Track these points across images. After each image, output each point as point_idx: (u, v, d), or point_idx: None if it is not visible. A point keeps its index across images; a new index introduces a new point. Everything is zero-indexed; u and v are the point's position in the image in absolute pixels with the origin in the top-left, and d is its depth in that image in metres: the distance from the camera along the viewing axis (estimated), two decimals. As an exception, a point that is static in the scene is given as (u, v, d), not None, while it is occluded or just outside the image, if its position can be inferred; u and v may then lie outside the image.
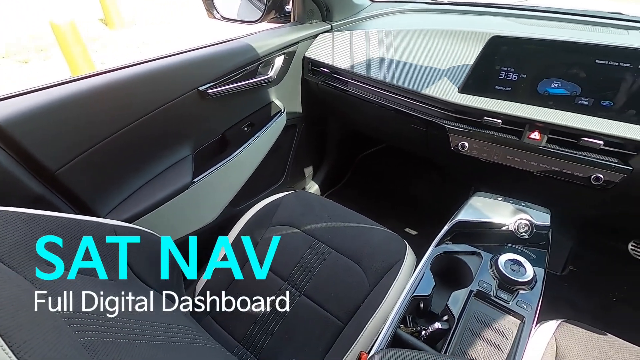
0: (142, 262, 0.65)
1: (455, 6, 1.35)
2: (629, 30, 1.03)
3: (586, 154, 0.83)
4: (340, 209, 1.03)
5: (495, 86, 0.89)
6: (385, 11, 1.35)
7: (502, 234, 0.81)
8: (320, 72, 1.21)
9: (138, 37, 5.11)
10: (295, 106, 1.32)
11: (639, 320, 1.19)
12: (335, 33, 1.21)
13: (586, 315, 1.20)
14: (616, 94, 0.78)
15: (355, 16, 1.30)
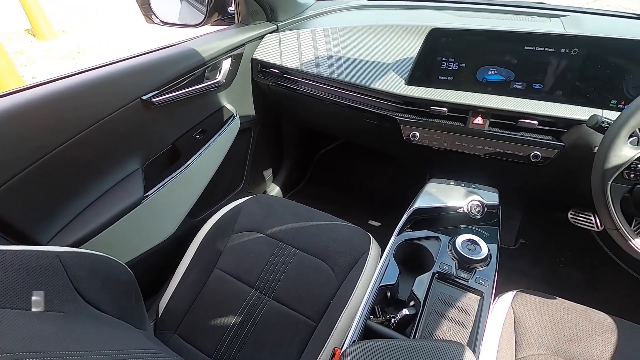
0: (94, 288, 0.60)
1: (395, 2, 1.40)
2: (550, 18, 1.12)
3: (524, 134, 0.90)
4: (303, 208, 1.03)
5: (438, 76, 0.94)
6: (329, 9, 1.36)
7: (457, 216, 0.85)
8: (270, 73, 1.20)
9: (72, 47, 4.76)
10: (248, 109, 1.29)
11: (581, 279, 1.31)
12: (282, 33, 1.21)
13: (538, 282, 1.29)
14: (544, 77, 0.85)
15: (300, 15, 1.30)
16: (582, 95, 0.83)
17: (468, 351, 0.50)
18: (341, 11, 1.37)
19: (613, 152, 0.64)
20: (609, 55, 0.79)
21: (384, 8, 1.35)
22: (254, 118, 1.32)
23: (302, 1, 1.32)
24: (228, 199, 1.33)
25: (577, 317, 0.74)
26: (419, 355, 0.49)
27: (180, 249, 0.94)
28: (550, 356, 0.69)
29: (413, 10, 1.30)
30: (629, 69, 0.79)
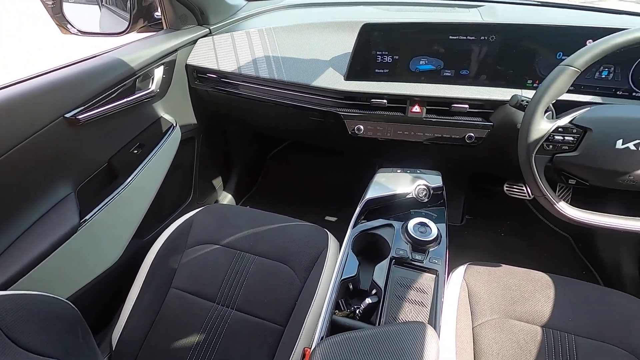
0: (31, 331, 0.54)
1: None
2: (469, 9, 1.21)
3: (458, 118, 0.96)
4: (258, 213, 1.01)
5: (375, 70, 0.97)
6: (262, 9, 1.35)
7: (407, 202, 0.89)
8: (207, 79, 1.16)
9: None
10: (188, 118, 1.24)
11: (522, 245, 1.44)
12: (215, 36, 1.17)
13: (485, 253, 1.40)
14: (470, 64, 0.92)
15: (233, 17, 1.27)
16: (503, 77, 0.91)
17: (429, 328, 0.53)
18: (274, 11, 1.36)
19: (533, 127, 0.71)
20: (521, 40, 0.88)
21: (316, 6, 1.36)
22: (195, 126, 1.27)
23: (233, 3, 1.29)
24: (177, 214, 1.26)
25: (520, 280, 0.81)
26: (384, 340, 0.50)
27: (130, 273, 0.88)
28: (502, 319, 0.75)
29: (344, 7, 1.33)
30: (539, 51, 0.88)
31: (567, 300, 0.77)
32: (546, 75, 0.70)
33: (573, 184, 0.81)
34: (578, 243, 1.40)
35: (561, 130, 0.71)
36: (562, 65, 0.68)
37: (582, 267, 1.34)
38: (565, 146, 0.71)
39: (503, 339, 0.73)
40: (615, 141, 0.67)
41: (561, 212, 0.73)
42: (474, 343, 0.74)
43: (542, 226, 1.48)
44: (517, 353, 0.71)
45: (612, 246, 1.25)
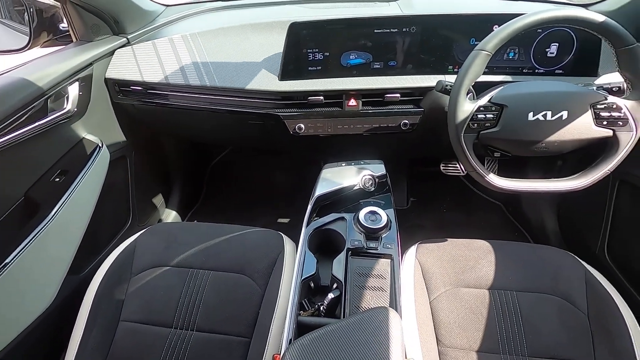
0: None
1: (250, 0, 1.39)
2: (389, 2, 1.27)
3: (392, 107, 1.01)
4: (207, 226, 0.97)
5: (308, 67, 0.98)
6: (184, 14, 1.28)
7: (355, 193, 0.91)
8: (132, 92, 1.08)
9: None
10: (116, 136, 1.14)
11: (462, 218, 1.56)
12: (135, 46, 1.09)
13: (432, 230, 1.50)
14: (396, 55, 0.97)
15: (152, 24, 1.20)
16: (427, 65, 0.97)
17: (391, 311, 0.55)
18: (197, 15, 1.30)
19: (459, 109, 0.76)
20: (438, 29, 0.94)
21: (240, 8, 1.33)
22: (125, 144, 1.18)
23: (150, 9, 1.21)
24: (117, 240, 1.16)
25: (465, 250, 0.88)
26: (350, 331, 0.51)
27: (69, 314, 0.79)
28: (453, 289, 0.81)
29: (269, 7, 1.32)
30: (455, 39, 0.95)
31: (506, 261, 0.85)
32: (463, 60, 0.77)
33: (498, 157, 0.89)
34: (508, 208, 1.56)
35: (482, 109, 0.78)
36: (475, 50, 0.74)
37: (514, 229, 1.49)
38: (487, 123, 0.78)
39: (457, 307, 0.79)
40: (527, 114, 0.76)
41: (491, 183, 0.81)
42: (432, 316, 0.79)
43: (477, 198, 1.62)
44: (471, 317, 0.78)
45: (535, 207, 1.40)
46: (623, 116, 0.74)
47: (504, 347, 0.74)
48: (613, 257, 1.04)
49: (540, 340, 0.74)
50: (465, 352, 0.74)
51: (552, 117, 0.75)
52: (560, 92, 0.76)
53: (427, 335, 0.75)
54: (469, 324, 0.77)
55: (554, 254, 0.87)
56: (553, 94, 0.76)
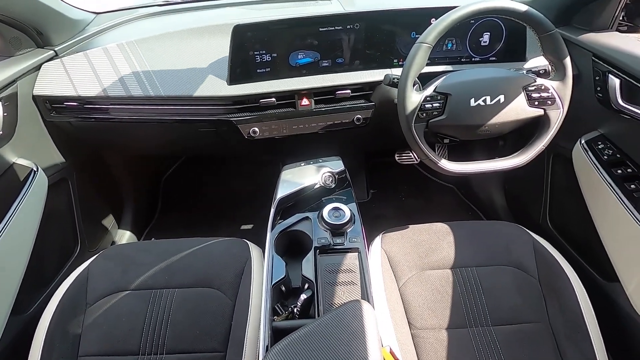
0: None
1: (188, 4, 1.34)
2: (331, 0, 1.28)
3: (344, 103, 1.02)
4: (166, 243, 0.92)
5: (257, 70, 0.96)
6: (117, 21, 1.20)
7: (317, 191, 0.92)
8: (66, 108, 0.99)
9: None
10: (52, 158, 1.05)
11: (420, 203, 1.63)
12: (65, 58, 1.01)
13: (393, 219, 1.55)
14: (343, 52, 0.98)
15: (82, 34, 1.11)
16: (374, 60, 1.00)
17: (363, 303, 0.56)
18: (132, 22, 1.23)
19: (407, 100, 0.79)
20: (381, 25, 0.97)
21: (178, 12, 1.28)
22: (65, 165, 1.08)
23: (78, 17, 1.12)
24: (66, 270, 1.07)
25: (426, 234, 0.92)
26: (326, 329, 0.52)
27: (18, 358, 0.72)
28: (419, 273, 0.85)
29: (209, 10, 1.28)
30: (397, 33, 0.99)
31: (463, 240, 0.91)
32: (407, 53, 0.80)
33: (447, 143, 0.94)
34: (461, 190, 1.65)
35: (429, 99, 0.81)
36: (417, 43, 0.77)
37: (468, 208, 1.59)
38: (435, 112, 0.82)
39: (424, 290, 0.83)
40: (469, 100, 0.80)
41: (443, 168, 0.85)
42: (402, 301, 0.81)
43: (432, 183, 1.70)
44: (438, 297, 0.82)
45: (484, 186, 1.50)
46: (551, 96, 0.81)
47: (470, 321, 0.78)
48: (554, 224, 1.15)
49: (500, 309, 0.79)
50: (435, 331, 0.77)
51: (491, 101, 0.80)
52: (496, 78, 0.82)
53: (399, 320, 0.78)
54: (436, 304, 0.80)
55: (504, 228, 0.94)
56: (490, 80, 0.82)
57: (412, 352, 0.74)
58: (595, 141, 0.93)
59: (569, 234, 1.08)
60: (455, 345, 0.75)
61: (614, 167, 0.86)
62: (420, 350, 0.75)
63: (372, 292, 0.69)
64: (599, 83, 0.89)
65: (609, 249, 0.87)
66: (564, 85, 0.81)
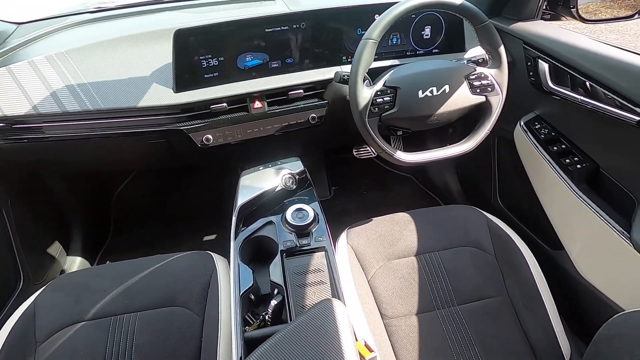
0: None
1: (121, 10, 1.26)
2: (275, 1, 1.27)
3: (297, 103, 1.02)
4: (123, 264, 0.87)
5: (204, 75, 0.93)
6: (44, 32, 1.10)
7: (278, 194, 0.91)
8: (-9, 130, 0.90)
9: None
10: (-21, 185, 0.95)
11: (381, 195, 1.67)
12: None
13: (356, 213, 1.57)
14: (292, 52, 0.98)
15: (2, 47, 1.01)
16: (323, 58, 1.00)
17: (334, 301, 0.56)
18: (61, 31, 1.13)
19: (358, 96, 0.81)
20: (326, 23, 0.98)
21: (113, 19, 1.20)
22: (-5, 192, 0.98)
23: (-3, 29, 1.02)
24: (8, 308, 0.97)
25: (389, 225, 0.95)
26: (300, 332, 0.51)
27: None
28: (386, 263, 0.87)
29: (148, 15, 1.21)
30: (343, 30, 1.00)
31: (425, 227, 0.94)
32: (354, 50, 0.81)
33: (401, 135, 0.97)
34: (418, 178, 1.71)
35: (380, 94, 0.83)
36: (363, 40, 0.79)
37: (426, 196, 1.65)
38: (386, 105, 0.84)
39: (392, 279, 0.85)
40: (417, 92, 0.83)
41: (399, 159, 0.87)
42: (372, 293, 0.83)
43: (390, 174, 1.75)
44: (406, 285, 0.84)
45: (439, 173, 1.57)
46: (490, 83, 0.86)
47: (437, 303, 0.82)
48: (505, 202, 1.23)
49: (463, 289, 0.83)
50: (406, 318, 0.79)
51: (437, 92, 0.84)
52: (440, 69, 0.86)
53: (371, 312, 0.79)
54: (405, 292, 0.83)
55: (460, 211, 0.99)
56: (435, 72, 0.85)
57: (387, 342, 0.76)
58: (533, 122, 1.00)
59: (518, 210, 1.16)
60: (426, 328, 0.78)
61: (550, 144, 0.94)
62: (394, 339, 0.77)
63: (342, 289, 0.70)
64: (530, 68, 0.96)
65: (552, 220, 0.95)
66: (501, 72, 0.86)
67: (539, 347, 0.76)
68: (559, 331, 0.77)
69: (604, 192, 0.84)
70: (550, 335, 0.77)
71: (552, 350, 0.75)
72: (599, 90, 0.78)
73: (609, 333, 0.61)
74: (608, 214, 0.78)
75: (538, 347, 0.76)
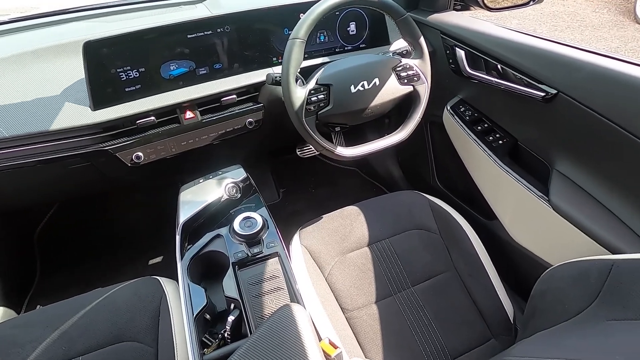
0: None
1: (22, 22, 1.12)
2: (195, 5, 1.21)
3: (232, 109, 0.99)
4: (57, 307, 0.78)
5: (125, 89, 0.86)
6: None
7: (223, 205, 0.87)
8: None
9: None
10: None
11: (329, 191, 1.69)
12: None
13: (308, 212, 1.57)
14: (219, 57, 0.94)
15: None
16: (253, 61, 0.98)
17: (293, 306, 0.56)
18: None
19: (293, 97, 0.80)
20: (252, 25, 0.95)
21: (11, 33, 1.06)
22: None
23: None
24: None
25: (340, 220, 0.96)
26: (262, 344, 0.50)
27: None
28: (341, 258, 0.88)
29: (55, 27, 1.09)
30: (270, 31, 0.98)
31: (373, 216, 0.97)
32: (283, 50, 0.80)
33: (339, 130, 0.99)
34: (362, 170, 1.76)
35: (313, 92, 0.83)
36: (290, 40, 0.78)
37: (372, 186, 1.71)
38: (321, 103, 0.85)
39: (349, 272, 0.86)
40: (350, 87, 0.85)
41: (341, 155, 0.89)
42: (331, 290, 0.84)
43: (336, 169, 1.78)
44: (362, 276, 0.86)
45: (382, 163, 1.63)
46: (416, 73, 0.91)
47: (393, 288, 0.85)
48: (443, 183, 1.31)
49: (415, 270, 0.87)
50: (366, 308, 0.81)
51: (368, 85, 0.86)
52: (369, 63, 0.88)
53: (332, 309, 0.80)
54: (362, 283, 0.85)
55: (404, 196, 1.04)
56: (364, 66, 0.88)
57: (350, 335, 0.77)
58: (458, 105, 1.08)
59: (455, 188, 1.25)
60: (385, 314, 0.80)
61: (475, 124, 1.02)
62: (357, 330, 0.78)
63: (300, 292, 0.69)
64: (449, 56, 1.03)
65: (484, 193, 1.03)
66: (424, 62, 0.91)
67: (486, 312, 0.82)
68: (502, 294, 0.84)
69: (524, 163, 0.93)
70: (495, 299, 0.83)
71: (498, 312, 0.82)
72: (509, 71, 0.86)
73: (542, 288, 0.68)
74: (529, 182, 0.87)
75: (486, 312, 0.82)
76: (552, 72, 0.77)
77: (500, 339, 0.79)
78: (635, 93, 0.64)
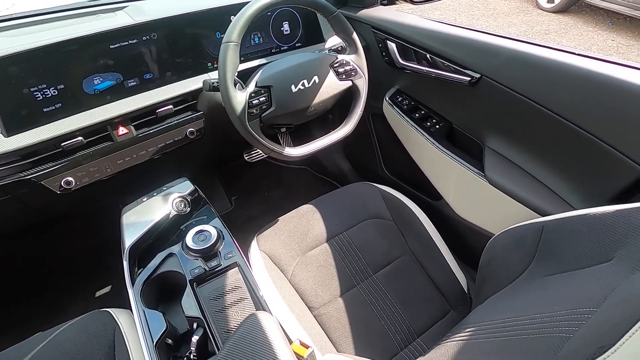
0: None
1: None
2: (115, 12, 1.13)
3: (170, 120, 0.94)
4: None
5: (43, 109, 0.78)
6: None
7: (172, 222, 0.83)
8: None
9: None
10: None
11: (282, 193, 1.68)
12: None
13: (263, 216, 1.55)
14: (149, 66, 0.89)
15: None
16: (187, 68, 0.94)
17: (259, 314, 0.55)
18: None
19: (233, 102, 0.78)
20: (181, 30, 0.91)
21: None
22: None
23: None
24: None
25: (296, 220, 0.96)
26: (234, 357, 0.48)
27: None
28: (302, 258, 0.88)
29: None
30: (202, 35, 0.95)
31: (328, 212, 0.98)
32: (217, 55, 0.78)
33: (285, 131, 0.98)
34: (313, 168, 1.78)
35: (254, 95, 0.82)
36: (223, 43, 0.76)
37: (324, 182, 1.73)
38: (264, 106, 0.83)
39: (311, 271, 0.87)
40: (290, 87, 0.85)
41: (289, 155, 0.89)
42: (296, 291, 0.84)
43: (287, 170, 1.77)
44: (324, 272, 0.87)
45: (330, 158, 1.66)
46: (353, 68, 0.93)
47: (356, 279, 0.87)
48: (390, 171, 1.37)
49: (375, 258, 0.90)
50: (332, 303, 0.83)
51: (309, 84, 0.87)
52: (307, 62, 0.89)
53: (299, 310, 0.79)
54: (325, 279, 0.86)
55: (356, 188, 1.06)
56: (302, 65, 0.88)
57: (320, 332, 0.78)
58: (395, 95, 1.13)
59: (402, 175, 1.31)
60: (351, 305, 0.82)
61: (412, 112, 1.07)
62: (326, 326, 0.79)
63: (264, 298, 0.68)
64: (382, 49, 1.07)
65: (428, 176, 1.09)
66: (359, 56, 0.94)
67: (443, 287, 0.87)
68: (455, 268, 0.90)
69: (460, 144, 1.00)
70: (449, 274, 0.89)
71: (454, 286, 0.88)
72: (437, 60, 0.92)
73: (487, 257, 0.74)
74: (466, 161, 0.93)
75: (443, 287, 0.87)
76: (474, 58, 0.84)
77: (458, 309, 0.85)
78: (546, 72, 0.72)
